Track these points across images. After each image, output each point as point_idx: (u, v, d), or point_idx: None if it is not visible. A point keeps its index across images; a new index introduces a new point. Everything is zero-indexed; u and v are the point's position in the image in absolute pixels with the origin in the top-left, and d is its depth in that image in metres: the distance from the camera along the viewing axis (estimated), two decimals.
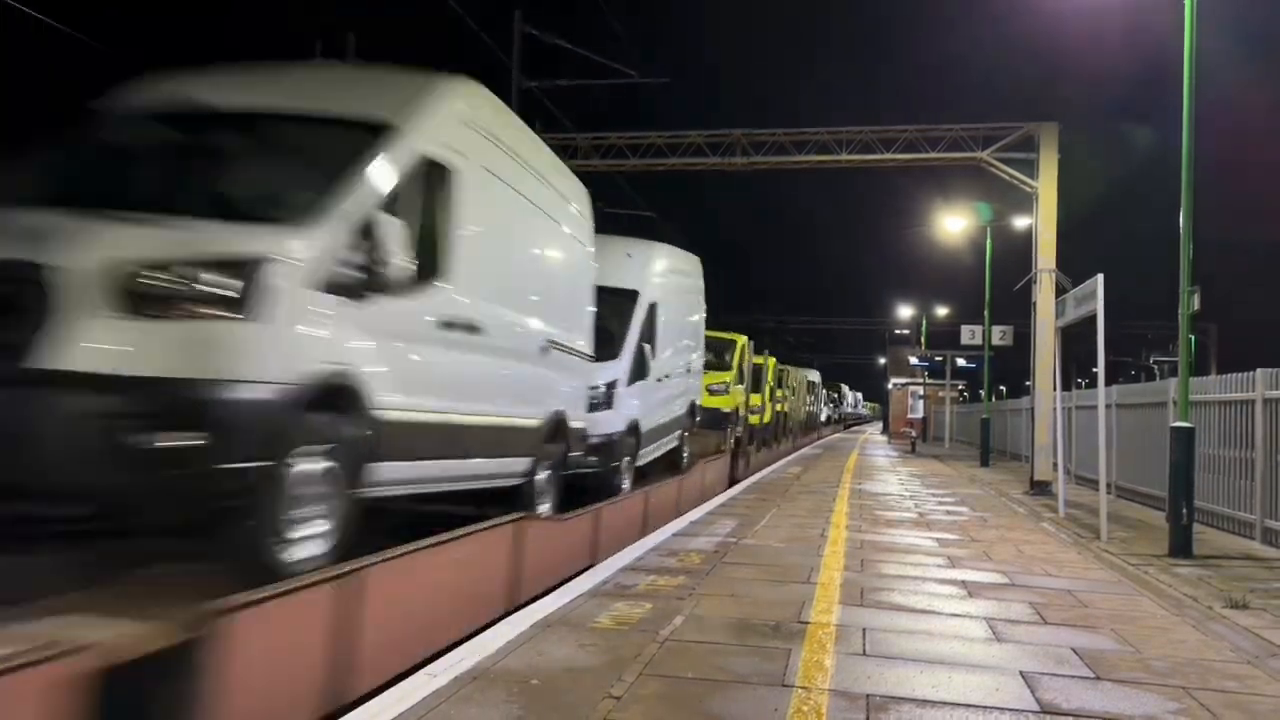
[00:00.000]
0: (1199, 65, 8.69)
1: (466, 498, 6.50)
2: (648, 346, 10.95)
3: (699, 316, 14.48)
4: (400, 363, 5.07)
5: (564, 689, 3.87)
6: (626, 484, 10.17)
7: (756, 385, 21.93)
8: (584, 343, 8.69)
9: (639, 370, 10.64)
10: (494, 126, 6.50)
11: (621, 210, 22.82)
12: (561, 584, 6.12)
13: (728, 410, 18.12)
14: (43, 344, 3.58)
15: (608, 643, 4.60)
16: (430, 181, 5.52)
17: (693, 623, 5.11)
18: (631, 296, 10.88)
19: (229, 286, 3.90)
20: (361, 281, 4.65)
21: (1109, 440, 11.17)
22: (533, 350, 7.23)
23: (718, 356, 18.40)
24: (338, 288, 4.48)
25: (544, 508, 7.52)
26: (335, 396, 4.49)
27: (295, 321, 4.20)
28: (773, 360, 25.31)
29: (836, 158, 19.05)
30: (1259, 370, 9.15)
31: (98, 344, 3.62)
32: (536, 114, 20.59)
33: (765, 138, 19.41)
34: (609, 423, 9.71)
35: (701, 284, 14.56)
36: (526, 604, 5.52)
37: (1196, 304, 8.98)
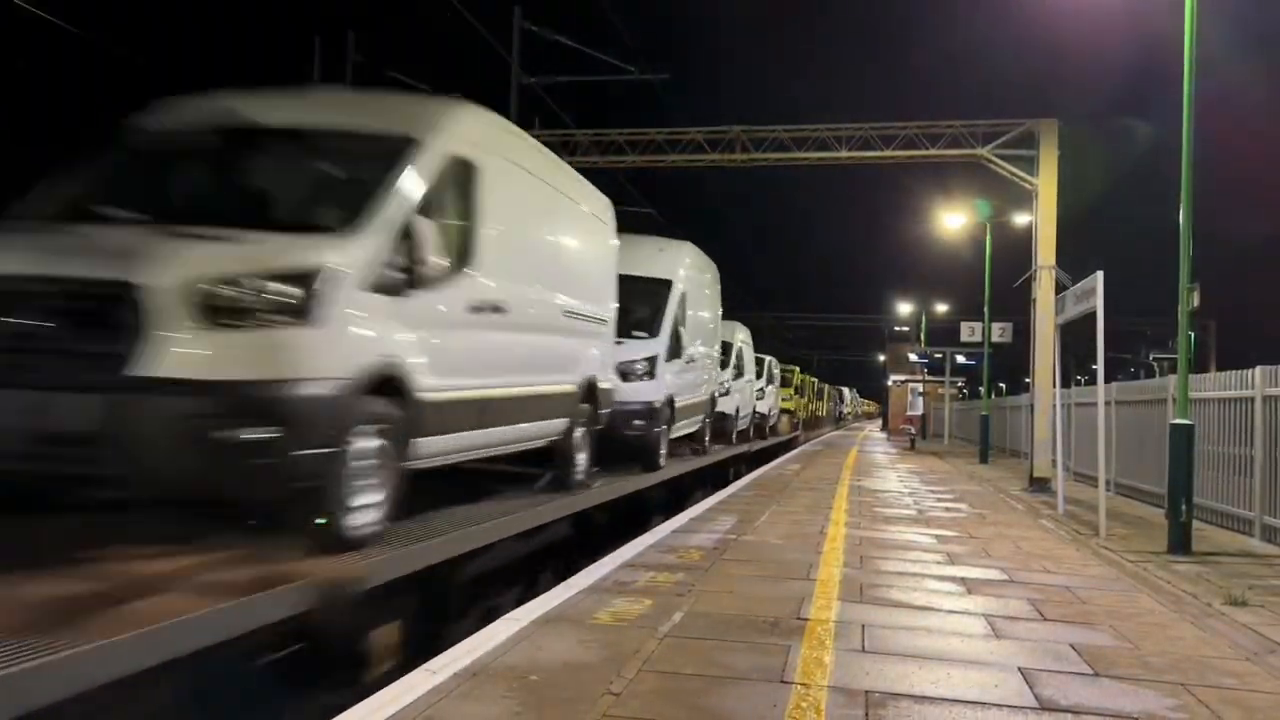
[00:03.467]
0: (1200, 61, 8.68)
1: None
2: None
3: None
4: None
5: (563, 685, 3.88)
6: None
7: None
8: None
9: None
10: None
11: (621, 207, 22.78)
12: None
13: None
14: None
15: (607, 639, 4.61)
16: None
17: (692, 619, 5.12)
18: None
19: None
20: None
21: (1108, 437, 11.18)
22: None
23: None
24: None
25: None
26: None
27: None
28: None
29: (836, 154, 19.04)
30: (1258, 367, 9.14)
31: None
32: (536, 110, 20.62)
33: (765, 134, 19.39)
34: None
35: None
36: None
37: (1196, 301, 8.98)
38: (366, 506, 4.92)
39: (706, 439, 14.79)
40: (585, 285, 8.79)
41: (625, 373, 10.23)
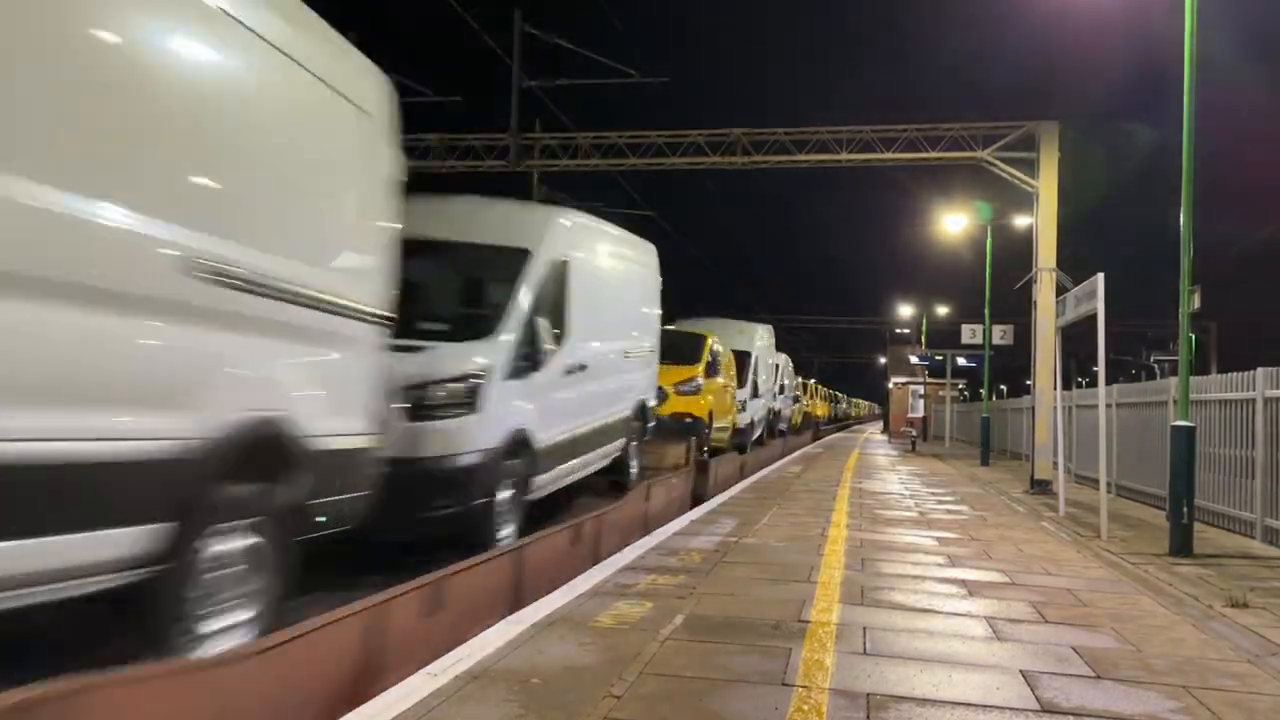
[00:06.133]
0: (1200, 63, 8.68)
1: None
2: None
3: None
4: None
5: (564, 688, 3.88)
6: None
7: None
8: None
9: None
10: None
11: (621, 210, 22.81)
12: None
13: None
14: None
15: (608, 642, 4.61)
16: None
17: (693, 622, 5.11)
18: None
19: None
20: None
21: (1109, 439, 11.17)
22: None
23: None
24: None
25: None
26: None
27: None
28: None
29: (837, 157, 19.05)
30: (1259, 369, 9.14)
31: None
32: (537, 113, 20.64)
33: (765, 137, 19.41)
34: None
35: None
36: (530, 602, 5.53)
37: (1197, 303, 8.99)
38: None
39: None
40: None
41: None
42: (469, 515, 6.69)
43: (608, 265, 10.39)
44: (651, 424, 11.50)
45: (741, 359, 19.96)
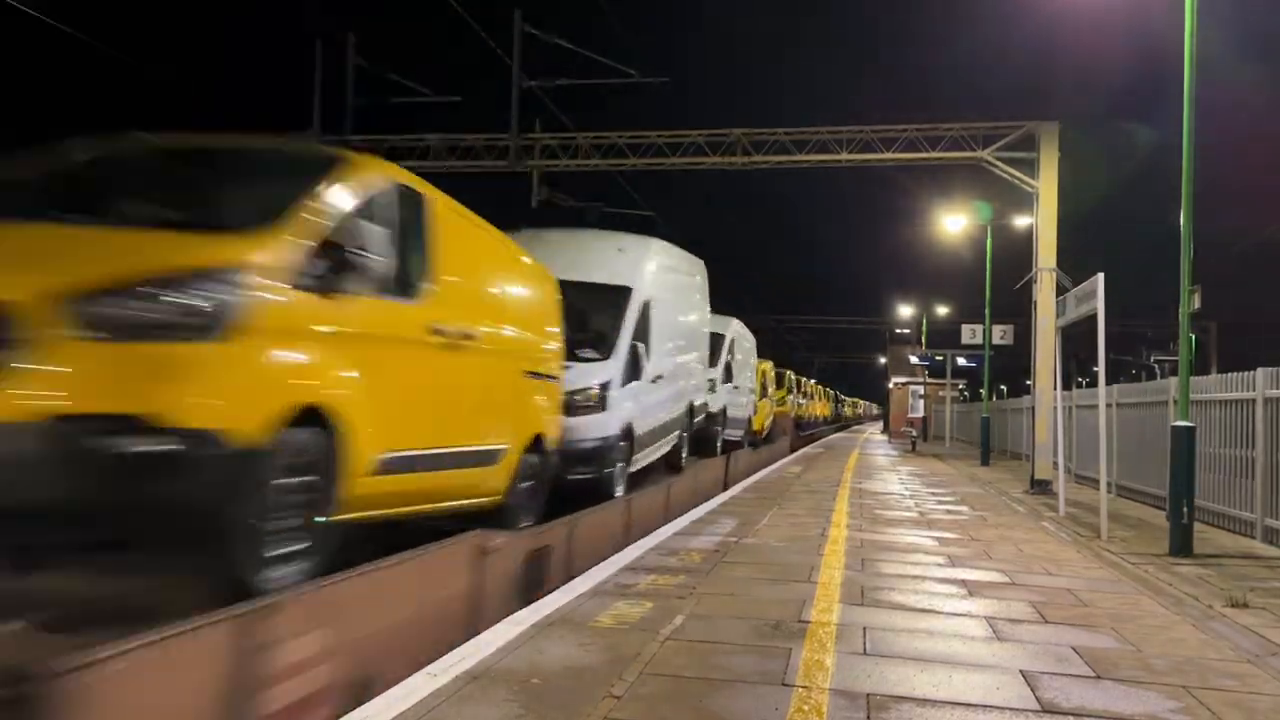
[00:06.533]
0: (1200, 63, 8.68)
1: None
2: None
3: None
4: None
5: (565, 688, 3.88)
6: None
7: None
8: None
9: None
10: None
11: (622, 210, 22.82)
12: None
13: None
14: None
15: (608, 642, 4.61)
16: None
17: (693, 622, 5.11)
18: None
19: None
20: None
21: (1109, 439, 11.17)
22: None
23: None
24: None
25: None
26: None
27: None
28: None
29: (837, 157, 19.05)
30: (1259, 369, 9.14)
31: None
32: (537, 113, 20.64)
33: (765, 137, 19.41)
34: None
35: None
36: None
37: (1197, 303, 8.99)
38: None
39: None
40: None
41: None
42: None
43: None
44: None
45: (608, 303, 10.69)
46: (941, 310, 45.33)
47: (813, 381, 52.37)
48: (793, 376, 39.65)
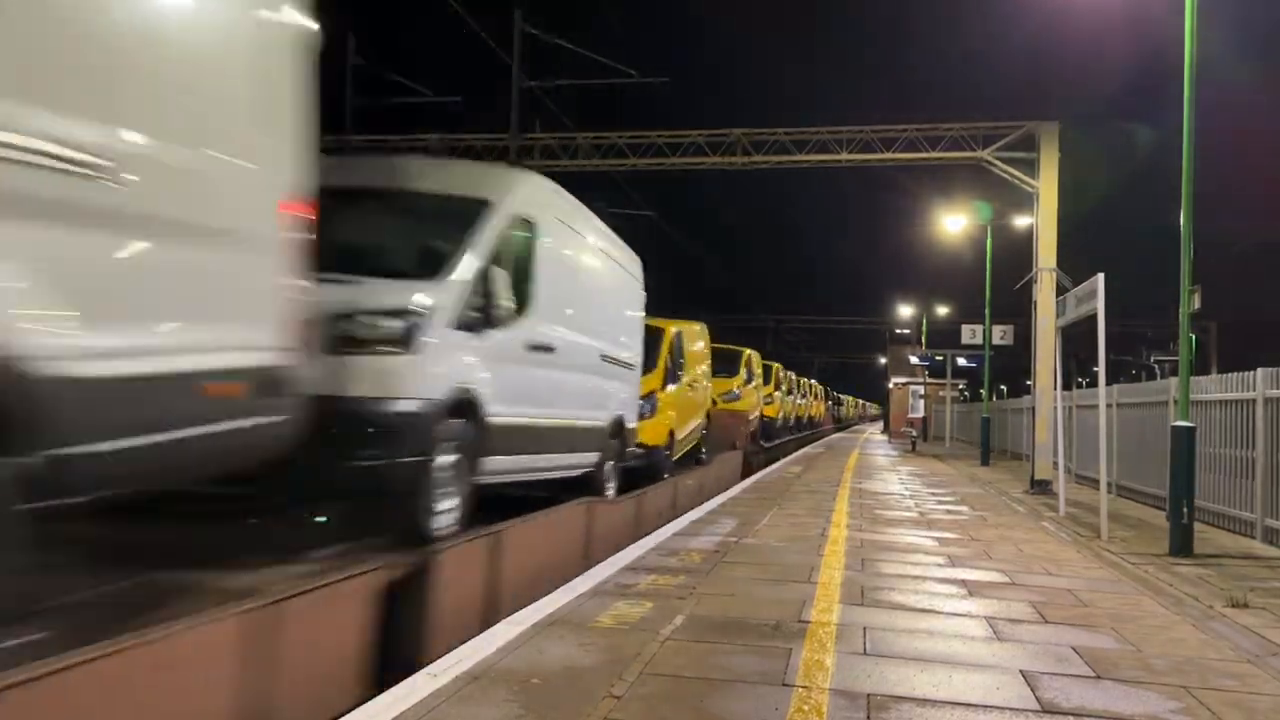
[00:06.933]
0: (1200, 63, 8.68)
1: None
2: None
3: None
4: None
5: (565, 688, 3.88)
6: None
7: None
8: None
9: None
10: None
11: (622, 210, 22.83)
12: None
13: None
14: None
15: (608, 642, 4.61)
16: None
17: (693, 622, 5.12)
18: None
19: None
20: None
21: (1109, 439, 11.17)
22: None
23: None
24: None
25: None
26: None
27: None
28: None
29: (837, 157, 19.08)
30: (1259, 370, 9.14)
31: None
32: (537, 113, 20.66)
33: (765, 137, 19.44)
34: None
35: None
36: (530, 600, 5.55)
37: (1197, 303, 8.99)
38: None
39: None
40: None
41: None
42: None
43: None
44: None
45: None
46: (941, 310, 45.35)
47: (749, 353, 33.25)
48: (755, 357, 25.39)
